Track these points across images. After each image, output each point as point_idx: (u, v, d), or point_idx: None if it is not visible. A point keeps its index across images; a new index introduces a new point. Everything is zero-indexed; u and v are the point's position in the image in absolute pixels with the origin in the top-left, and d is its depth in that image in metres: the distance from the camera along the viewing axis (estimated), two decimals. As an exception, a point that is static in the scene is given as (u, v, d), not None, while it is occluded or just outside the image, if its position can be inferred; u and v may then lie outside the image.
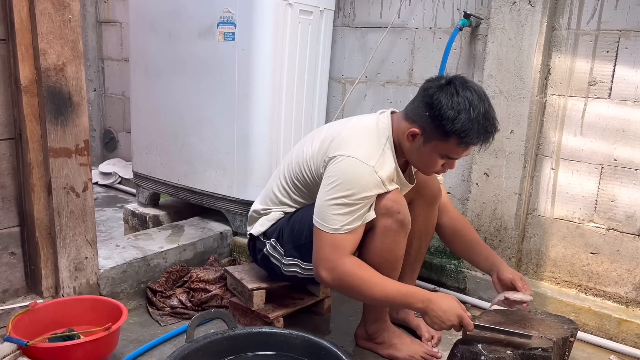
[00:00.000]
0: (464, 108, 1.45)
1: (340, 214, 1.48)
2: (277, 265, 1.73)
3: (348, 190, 1.48)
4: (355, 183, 1.48)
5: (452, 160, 1.57)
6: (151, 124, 2.52)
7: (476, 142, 1.49)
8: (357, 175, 1.50)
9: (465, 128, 1.45)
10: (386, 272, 1.58)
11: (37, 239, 1.67)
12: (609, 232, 1.98)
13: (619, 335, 1.89)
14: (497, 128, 1.51)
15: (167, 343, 1.77)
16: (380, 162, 1.53)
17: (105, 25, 3.91)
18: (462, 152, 1.53)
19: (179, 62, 2.34)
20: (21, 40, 1.54)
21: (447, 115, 1.45)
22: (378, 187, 1.51)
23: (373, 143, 1.56)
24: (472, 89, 1.48)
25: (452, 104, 1.46)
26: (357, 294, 1.52)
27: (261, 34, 2.13)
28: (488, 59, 2.08)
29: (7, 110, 1.59)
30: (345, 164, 1.51)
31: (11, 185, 1.64)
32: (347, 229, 1.48)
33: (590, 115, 1.97)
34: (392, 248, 1.59)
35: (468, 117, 1.45)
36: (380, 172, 1.51)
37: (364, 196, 1.49)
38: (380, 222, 1.55)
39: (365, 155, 1.52)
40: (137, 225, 2.62)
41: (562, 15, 1.99)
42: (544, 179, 2.10)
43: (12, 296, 1.69)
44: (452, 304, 1.47)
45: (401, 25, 2.39)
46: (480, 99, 1.48)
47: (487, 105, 1.49)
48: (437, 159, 1.55)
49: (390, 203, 1.54)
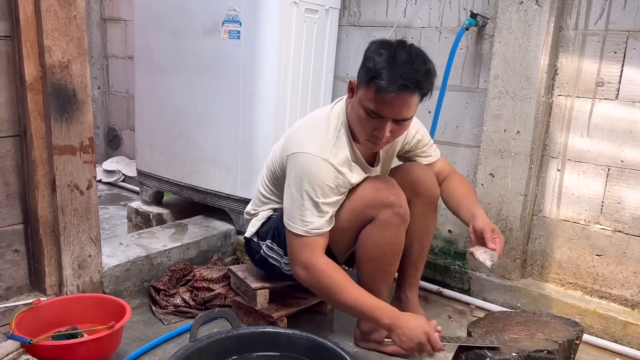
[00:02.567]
0: (386, 52, 1.42)
1: (308, 214, 1.50)
2: (277, 265, 1.73)
3: (309, 187, 1.49)
4: (314, 179, 1.50)
5: (379, 121, 1.45)
6: (155, 122, 2.51)
7: (388, 86, 1.38)
8: (313, 170, 1.50)
9: (379, 68, 1.39)
10: (384, 266, 1.59)
11: (40, 236, 1.66)
12: (615, 234, 1.96)
13: (624, 338, 1.87)
14: (418, 82, 1.40)
15: (170, 342, 1.76)
16: (334, 152, 1.53)
17: (109, 22, 3.91)
18: (378, 102, 1.41)
19: (184, 60, 2.33)
20: (26, 37, 1.54)
21: (369, 55, 1.44)
22: (337, 179, 1.52)
23: (324, 133, 1.56)
24: (410, 46, 1.45)
25: (379, 47, 1.44)
26: (329, 296, 1.52)
27: (266, 32, 2.12)
28: (494, 59, 2.07)
29: (12, 108, 1.59)
30: (301, 161, 1.52)
31: (15, 182, 1.64)
32: (316, 232, 1.50)
33: (597, 116, 1.96)
34: (392, 242, 1.59)
35: (386, 60, 1.40)
36: (335, 161, 1.52)
37: (325, 192, 1.50)
38: (381, 216, 1.55)
39: (318, 148, 1.52)
40: (140, 224, 2.62)
41: (570, 16, 1.97)
42: (549, 180, 2.09)
43: (15, 293, 1.69)
44: (419, 322, 1.42)
45: (407, 25, 2.38)
46: (412, 54, 1.42)
47: (418, 61, 1.42)
48: (365, 117, 1.46)
49: (393, 197, 1.55)
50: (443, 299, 2.20)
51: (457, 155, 2.32)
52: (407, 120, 1.48)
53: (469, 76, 2.25)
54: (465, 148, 2.29)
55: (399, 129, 1.49)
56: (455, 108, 2.29)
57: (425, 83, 1.43)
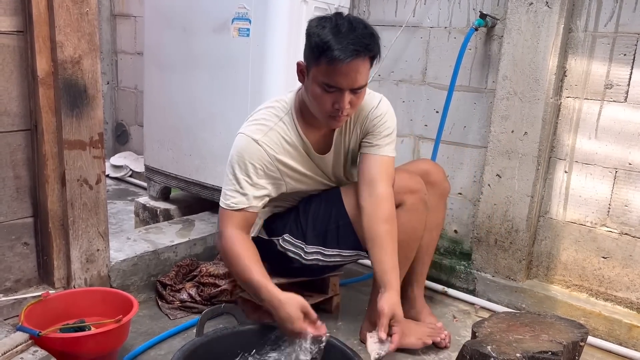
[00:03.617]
0: (329, 25, 1.43)
1: (231, 189, 1.56)
2: (296, 258, 1.74)
3: (235, 164, 1.56)
4: (240, 157, 1.55)
5: (336, 94, 1.45)
6: (164, 118, 2.52)
7: (339, 54, 1.38)
8: (240, 149, 1.56)
9: (326, 39, 1.40)
10: (406, 251, 1.66)
11: (50, 230, 1.68)
12: (622, 237, 1.96)
13: (629, 340, 1.87)
14: (367, 45, 1.41)
15: (176, 336, 1.78)
16: (268, 136, 1.57)
17: (119, 18, 3.93)
18: (333, 73, 1.41)
19: (193, 57, 2.34)
20: (39, 33, 1.55)
21: (313, 32, 1.45)
22: (262, 160, 1.56)
23: (266, 117, 1.61)
24: (348, 16, 1.46)
25: (320, 22, 1.45)
26: (230, 266, 1.57)
27: (276, 31, 2.12)
28: (503, 59, 2.07)
29: (24, 102, 1.61)
30: (236, 140, 1.59)
31: (26, 176, 1.65)
32: (235, 207, 1.55)
33: (606, 118, 1.95)
34: (417, 227, 1.67)
35: (331, 31, 1.41)
36: (267, 143, 1.56)
37: (249, 170, 1.54)
38: (409, 201, 1.64)
39: (253, 129, 1.58)
40: (147, 219, 2.64)
41: (580, 17, 1.97)
42: (556, 182, 2.09)
43: (24, 286, 1.71)
44: (291, 314, 1.40)
45: (416, 24, 2.38)
46: (352, 21, 1.43)
47: (360, 27, 1.42)
48: (321, 93, 1.46)
49: (418, 185, 1.66)
50: (448, 298, 2.21)
51: (464, 156, 2.32)
52: (363, 88, 1.50)
53: (477, 77, 2.24)
54: (473, 148, 2.29)
55: (356, 98, 1.49)
56: (463, 108, 2.30)
57: (374, 45, 1.45)
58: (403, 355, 1.74)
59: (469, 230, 2.34)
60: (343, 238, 1.71)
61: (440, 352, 1.78)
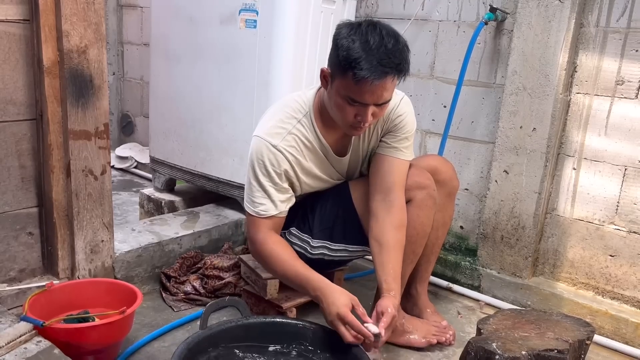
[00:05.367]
0: (359, 38, 1.39)
1: (257, 196, 1.56)
2: (301, 252, 1.73)
3: (258, 170, 1.55)
4: (261, 163, 1.55)
5: (361, 108, 1.44)
6: (169, 110, 2.52)
7: (368, 75, 1.35)
8: (260, 154, 1.55)
9: (356, 56, 1.36)
10: (414, 247, 1.66)
11: (54, 220, 1.68)
12: (630, 235, 1.94)
13: (635, 339, 1.86)
14: (397, 65, 1.38)
15: (180, 328, 1.78)
16: (287, 139, 1.56)
17: (125, 9, 3.92)
18: (359, 91, 1.39)
19: (200, 48, 2.33)
20: (45, 22, 1.54)
21: (342, 44, 1.40)
22: (281, 165, 1.55)
23: (283, 119, 1.59)
24: (379, 27, 1.41)
25: (350, 33, 1.41)
26: (269, 267, 1.60)
27: (283, 22, 2.11)
28: (513, 54, 2.05)
29: (29, 91, 1.60)
30: (253, 144, 1.58)
31: (31, 166, 1.65)
32: (265, 214, 1.57)
33: (616, 115, 1.93)
34: (425, 223, 1.66)
35: (361, 46, 1.37)
36: (286, 147, 1.55)
37: (272, 176, 1.54)
38: (418, 197, 1.63)
39: (270, 132, 1.56)
40: (152, 210, 2.63)
41: (592, 12, 1.94)
42: (564, 179, 2.07)
43: (28, 276, 1.71)
44: (340, 300, 1.41)
45: (424, 18, 2.36)
46: (384, 35, 1.39)
47: (391, 42, 1.39)
48: (344, 104, 1.45)
49: (428, 181, 1.65)
50: (452, 294, 2.20)
51: (471, 151, 2.30)
52: (388, 102, 1.48)
53: (486, 71, 2.22)
54: (480, 144, 2.27)
55: (380, 110, 1.48)
56: (471, 103, 2.27)
57: (404, 64, 1.42)
58: (407, 351, 1.74)
59: (475, 226, 2.32)
60: (350, 233, 1.70)
61: (445, 348, 1.77)
